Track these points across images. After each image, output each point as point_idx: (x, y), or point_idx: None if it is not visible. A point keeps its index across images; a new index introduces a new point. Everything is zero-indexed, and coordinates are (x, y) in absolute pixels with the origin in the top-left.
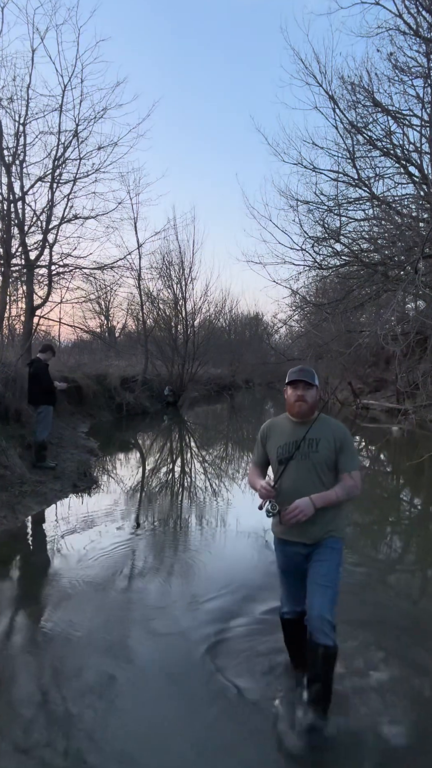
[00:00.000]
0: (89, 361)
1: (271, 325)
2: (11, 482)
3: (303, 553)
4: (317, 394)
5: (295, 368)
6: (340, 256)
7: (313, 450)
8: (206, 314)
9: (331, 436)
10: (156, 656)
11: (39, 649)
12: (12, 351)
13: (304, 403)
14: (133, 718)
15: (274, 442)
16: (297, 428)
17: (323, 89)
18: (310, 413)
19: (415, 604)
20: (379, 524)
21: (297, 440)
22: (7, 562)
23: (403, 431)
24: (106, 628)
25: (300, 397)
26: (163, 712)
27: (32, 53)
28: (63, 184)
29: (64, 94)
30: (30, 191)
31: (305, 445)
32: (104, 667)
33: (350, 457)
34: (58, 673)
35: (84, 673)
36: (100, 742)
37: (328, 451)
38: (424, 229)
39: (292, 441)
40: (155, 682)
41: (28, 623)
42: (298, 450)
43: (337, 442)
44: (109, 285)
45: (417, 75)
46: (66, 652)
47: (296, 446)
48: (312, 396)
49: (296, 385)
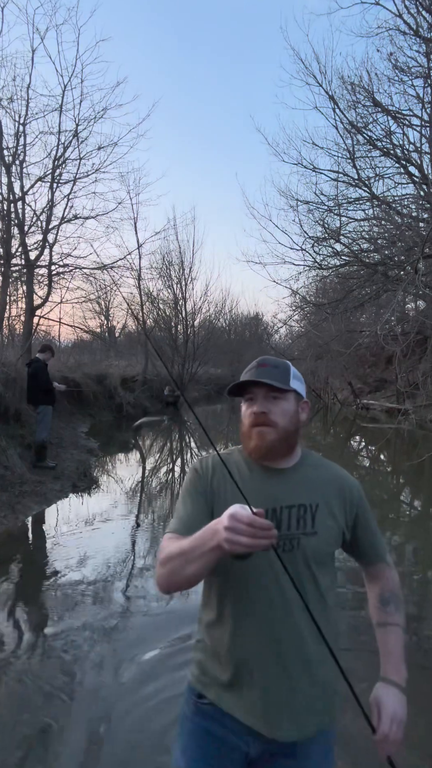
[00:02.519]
0: (89, 361)
1: (271, 325)
2: (11, 482)
3: (251, 753)
4: (298, 407)
5: (253, 363)
6: (340, 256)
7: (305, 530)
8: (206, 314)
9: (339, 498)
10: (157, 654)
11: (39, 648)
12: (12, 351)
13: (269, 428)
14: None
15: (228, 504)
16: (265, 481)
17: (323, 89)
18: (283, 450)
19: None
20: (379, 524)
21: (270, 508)
22: (7, 562)
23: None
24: (106, 628)
25: (258, 417)
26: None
27: (32, 53)
28: (63, 184)
29: (64, 94)
30: (30, 191)
31: (289, 518)
32: (104, 666)
33: (377, 532)
34: (59, 673)
35: (84, 674)
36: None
37: (335, 531)
38: (424, 229)
39: (266, 508)
40: (156, 682)
41: (28, 623)
42: (282, 529)
43: (350, 509)
44: (109, 285)
45: (417, 75)
46: (66, 653)
47: (277, 523)
48: (286, 412)
49: (252, 394)
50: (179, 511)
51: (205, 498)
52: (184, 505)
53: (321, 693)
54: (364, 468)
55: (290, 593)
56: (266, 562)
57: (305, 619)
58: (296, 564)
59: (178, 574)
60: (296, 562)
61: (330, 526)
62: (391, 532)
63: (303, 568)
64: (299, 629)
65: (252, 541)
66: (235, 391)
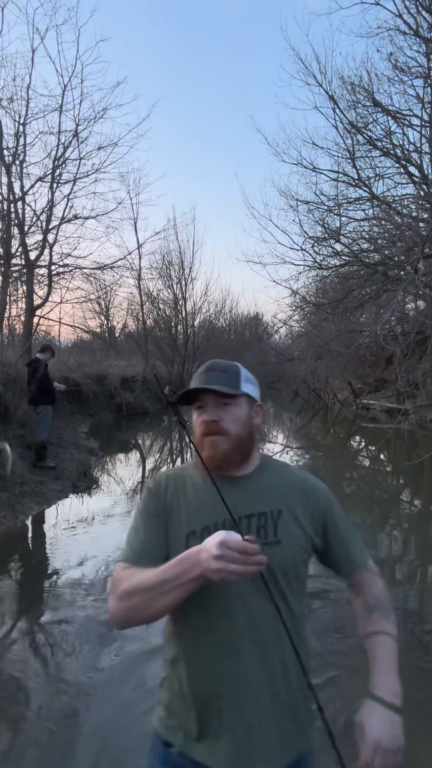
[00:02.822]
0: (89, 361)
1: (271, 325)
2: (11, 482)
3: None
4: (251, 411)
5: (201, 368)
6: (340, 256)
7: (266, 539)
8: (206, 314)
9: (303, 503)
10: (158, 655)
11: (38, 648)
12: (12, 351)
13: (222, 437)
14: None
15: (183, 520)
16: (225, 491)
17: (323, 89)
18: (238, 458)
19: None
20: (380, 525)
21: (229, 519)
22: (7, 562)
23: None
24: (104, 626)
25: (209, 426)
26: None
27: (32, 53)
28: (63, 184)
29: (64, 94)
30: (30, 191)
31: (248, 528)
32: (104, 666)
33: (353, 537)
34: (58, 674)
35: (84, 674)
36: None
37: (301, 539)
38: (424, 229)
39: (221, 521)
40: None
41: (28, 623)
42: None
43: (317, 513)
44: (109, 285)
45: (417, 75)
46: (65, 653)
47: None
48: (238, 419)
49: (202, 402)
50: (131, 538)
51: (159, 518)
52: (136, 531)
53: (295, 724)
54: (364, 468)
55: (259, 617)
56: (230, 583)
57: (276, 645)
58: (255, 581)
59: (145, 609)
60: (262, 584)
61: (295, 533)
62: (391, 532)
63: (271, 589)
64: (268, 656)
65: (244, 569)
66: (185, 400)
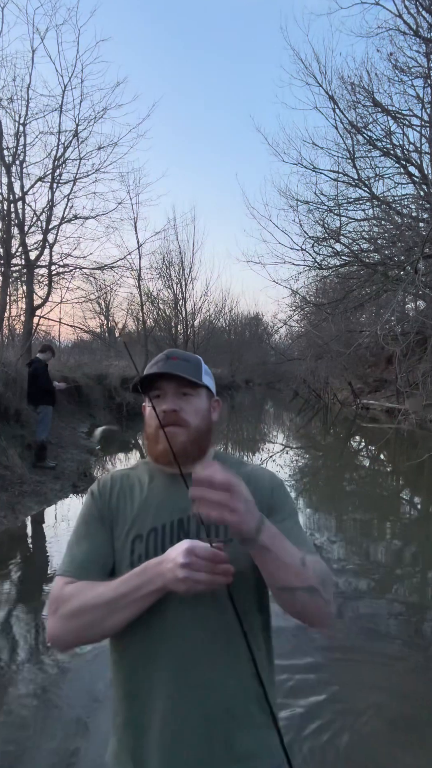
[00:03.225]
0: (89, 361)
1: (271, 325)
2: (11, 482)
3: None
4: (210, 405)
5: (160, 355)
6: (340, 256)
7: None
8: (206, 314)
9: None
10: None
11: (38, 648)
12: (12, 351)
13: (180, 428)
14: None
15: (128, 523)
16: (171, 489)
17: (323, 89)
18: (195, 453)
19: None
20: (379, 524)
21: (176, 519)
22: (7, 562)
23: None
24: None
25: (168, 416)
26: None
27: (32, 53)
28: (63, 184)
29: (64, 94)
30: (30, 191)
31: (197, 529)
32: (104, 667)
33: (297, 525)
34: (58, 673)
35: (84, 675)
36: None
37: None
38: (424, 229)
39: (169, 522)
40: None
41: (28, 623)
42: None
43: (262, 500)
44: (109, 285)
45: (417, 75)
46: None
47: (184, 535)
48: (199, 411)
49: (160, 390)
50: (72, 548)
51: (103, 523)
52: (77, 539)
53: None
54: (364, 468)
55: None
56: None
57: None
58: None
59: (95, 628)
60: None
61: None
62: (390, 532)
63: (219, 593)
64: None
65: (212, 578)
66: (141, 388)
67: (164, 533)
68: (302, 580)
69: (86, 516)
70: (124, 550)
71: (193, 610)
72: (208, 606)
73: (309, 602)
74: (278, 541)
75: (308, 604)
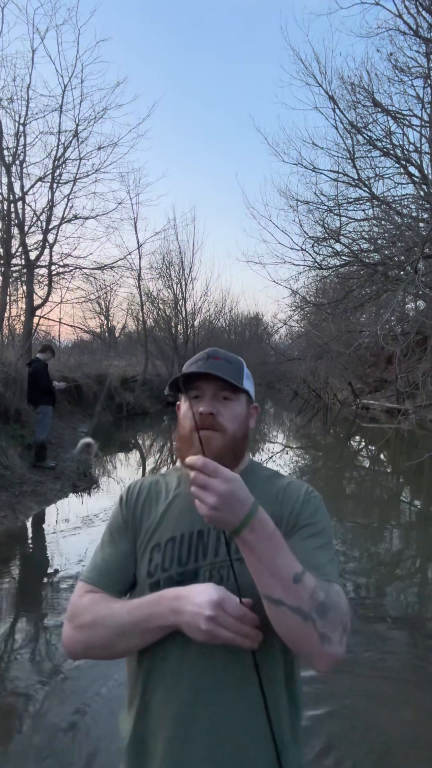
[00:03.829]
0: (89, 361)
1: (271, 325)
2: (11, 482)
3: None
4: (248, 412)
5: (201, 354)
6: (340, 256)
7: (238, 554)
8: (206, 314)
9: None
10: None
11: (38, 648)
12: (12, 351)
13: (216, 433)
14: None
15: (150, 532)
16: (193, 499)
17: (323, 89)
18: (229, 460)
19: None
20: (380, 525)
21: (195, 531)
22: (7, 562)
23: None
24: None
25: (205, 419)
26: None
27: (32, 53)
28: (63, 184)
29: (64, 94)
30: (30, 191)
31: (217, 542)
32: (103, 666)
33: (323, 548)
34: (58, 673)
35: (84, 675)
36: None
37: None
38: (424, 229)
39: (188, 532)
40: None
41: (28, 623)
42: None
43: (289, 516)
44: (109, 285)
45: (417, 75)
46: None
47: (203, 548)
48: (237, 416)
49: (199, 391)
50: (96, 555)
51: (126, 531)
52: (101, 547)
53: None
54: (364, 468)
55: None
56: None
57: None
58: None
59: (105, 649)
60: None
61: None
62: (391, 532)
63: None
64: (231, 688)
65: (236, 639)
66: (178, 386)
67: (182, 543)
68: (291, 597)
69: (112, 524)
70: (144, 558)
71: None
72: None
73: (295, 627)
74: (268, 547)
75: (294, 628)
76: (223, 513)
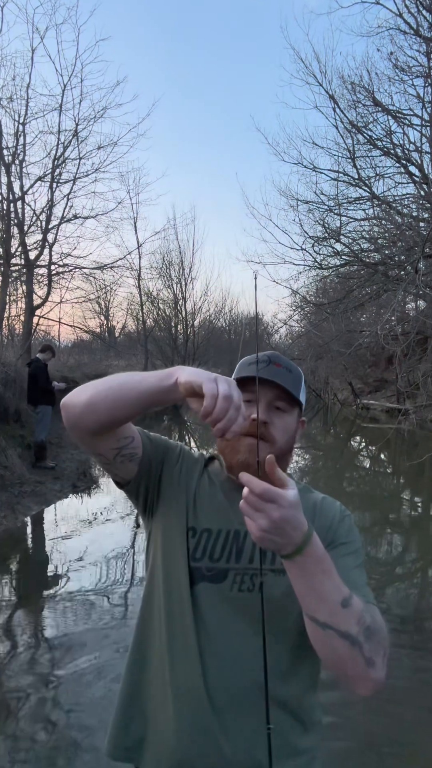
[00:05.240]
0: (89, 361)
1: (271, 325)
2: (11, 482)
3: None
4: (297, 426)
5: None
6: (340, 256)
7: (273, 564)
8: (206, 314)
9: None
10: None
11: (38, 648)
12: (12, 351)
13: (265, 443)
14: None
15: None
16: (235, 498)
17: (323, 89)
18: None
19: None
20: (380, 525)
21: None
22: (7, 562)
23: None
24: (106, 628)
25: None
26: None
27: (32, 53)
28: (63, 183)
29: (64, 93)
30: (30, 191)
31: (253, 547)
32: (103, 667)
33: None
34: (58, 674)
35: (82, 674)
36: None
37: None
38: (424, 229)
39: (225, 530)
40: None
41: (27, 623)
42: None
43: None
44: (109, 285)
45: (417, 74)
46: (63, 653)
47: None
48: (288, 429)
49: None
50: (159, 438)
51: (170, 459)
52: (164, 437)
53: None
54: (364, 468)
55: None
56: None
57: (258, 685)
58: (251, 613)
59: (105, 399)
60: (252, 610)
61: None
62: (391, 532)
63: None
64: (253, 695)
65: (220, 409)
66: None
67: (217, 538)
68: (339, 621)
69: (179, 450)
70: (176, 532)
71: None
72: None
73: (342, 651)
74: (318, 571)
75: (341, 653)
76: (274, 537)
